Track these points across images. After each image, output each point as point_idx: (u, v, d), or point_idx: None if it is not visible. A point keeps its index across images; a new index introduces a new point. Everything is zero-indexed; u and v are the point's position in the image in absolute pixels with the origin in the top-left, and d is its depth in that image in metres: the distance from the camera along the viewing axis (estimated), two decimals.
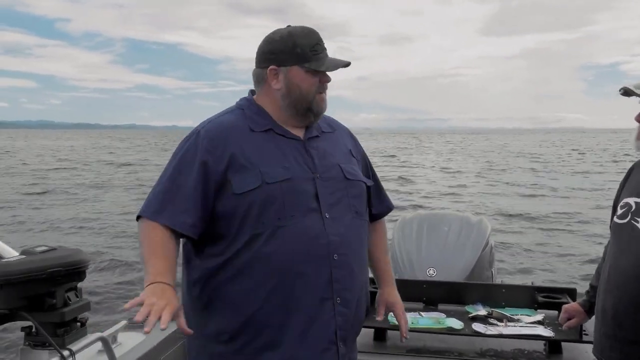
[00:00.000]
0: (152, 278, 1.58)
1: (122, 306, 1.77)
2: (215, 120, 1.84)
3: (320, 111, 1.87)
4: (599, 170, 29.35)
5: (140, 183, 23.34)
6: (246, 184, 1.71)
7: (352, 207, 1.85)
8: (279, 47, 1.81)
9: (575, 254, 10.31)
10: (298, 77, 1.81)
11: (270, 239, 1.70)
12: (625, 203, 1.88)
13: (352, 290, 1.81)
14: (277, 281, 1.70)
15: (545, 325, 2.66)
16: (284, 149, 1.80)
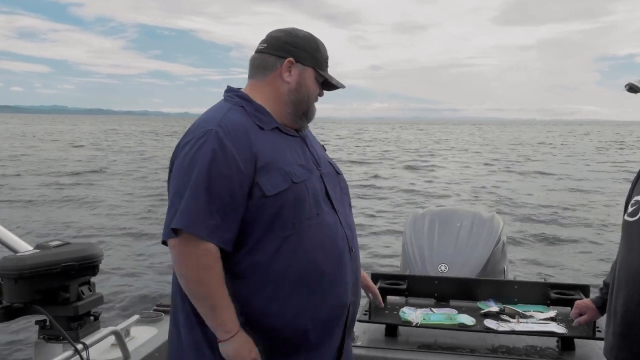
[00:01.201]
0: (233, 327, 1.63)
1: (135, 300, 1.78)
2: (227, 118, 1.71)
3: (312, 118, 1.89)
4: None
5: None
6: (277, 185, 1.66)
7: (346, 201, 1.91)
8: (303, 44, 1.82)
9: (591, 250, 10.22)
10: (310, 79, 1.83)
11: (303, 239, 1.69)
12: (636, 201, 1.86)
13: (359, 281, 1.91)
14: (312, 282, 1.70)
15: (558, 322, 2.65)
16: (293, 147, 1.80)
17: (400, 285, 2.95)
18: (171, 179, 1.70)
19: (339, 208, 1.82)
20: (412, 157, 33.34)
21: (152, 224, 12.31)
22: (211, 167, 1.61)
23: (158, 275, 8.31)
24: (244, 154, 1.65)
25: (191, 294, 1.64)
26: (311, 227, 1.71)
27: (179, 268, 1.64)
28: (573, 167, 26.20)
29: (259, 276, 1.67)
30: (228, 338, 1.62)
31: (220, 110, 1.76)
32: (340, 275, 1.77)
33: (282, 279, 1.67)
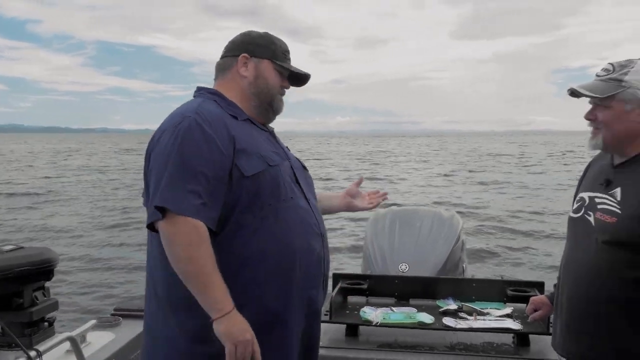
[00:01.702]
0: (226, 305, 1.62)
1: (91, 305, 1.75)
2: (203, 107, 1.77)
3: (279, 111, 1.96)
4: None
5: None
6: (254, 167, 1.74)
7: (313, 194, 2.00)
8: (255, 39, 1.93)
9: (545, 248, 10.50)
10: (267, 70, 1.91)
11: (280, 219, 1.76)
12: (580, 198, 1.93)
13: (329, 267, 1.97)
14: (290, 261, 1.77)
15: (514, 319, 2.71)
16: (265, 138, 1.89)
17: (361, 285, 2.98)
18: (153, 166, 1.71)
19: (309, 197, 1.91)
20: (370, 167, 33.64)
21: (108, 229, 12.12)
22: (193, 149, 1.66)
23: (116, 280, 8.16)
24: (223, 136, 1.71)
25: (183, 273, 1.63)
26: (287, 209, 1.79)
27: (169, 248, 1.63)
28: (528, 174, 26.82)
29: (238, 258, 1.70)
30: (221, 316, 1.61)
31: (194, 102, 1.83)
32: (313, 258, 1.85)
33: (259, 260, 1.72)
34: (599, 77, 1.82)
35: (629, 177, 1.78)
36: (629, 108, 1.76)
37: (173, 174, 1.63)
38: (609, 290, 1.74)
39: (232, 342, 1.61)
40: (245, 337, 1.62)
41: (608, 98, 1.78)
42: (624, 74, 1.77)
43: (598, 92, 1.79)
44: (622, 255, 1.71)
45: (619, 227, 1.72)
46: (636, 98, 1.75)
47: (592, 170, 2.00)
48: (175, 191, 1.61)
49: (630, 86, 1.75)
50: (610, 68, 1.81)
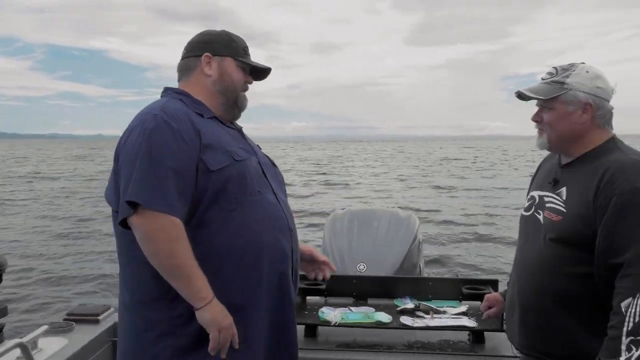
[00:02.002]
0: (207, 294, 1.68)
1: (43, 310, 1.72)
2: (168, 105, 1.80)
3: (243, 107, 2.01)
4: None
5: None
6: (219, 161, 1.76)
7: (283, 191, 2.03)
8: (215, 38, 1.96)
9: (499, 246, 10.75)
10: (231, 67, 1.95)
11: (247, 213, 1.78)
12: (531, 196, 2.00)
13: (299, 260, 2.01)
14: (260, 255, 1.79)
15: (469, 316, 2.76)
16: (232, 134, 1.92)
17: (320, 286, 2.98)
18: (122, 164, 1.72)
19: (277, 192, 1.94)
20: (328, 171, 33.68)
21: (58, 233, 11.80)
22: (161, 144, 1.69)
23: (69, 285, 7.95)
24: (189, 131, 1.75)
25: (163, 268, 1.67)
26: (254, 203, 1.81)
27: (148, 245, 1.65)
28: (482, 178, 27.36)
29: (204, 251, 1.72)
30: (204, 305, 1.67)
31: (160, 101, 1.87)
32: (281, 251, 1.87)
33: (226, 254, 1.75)
34: (543, 81, 1.89)
35: (573, 176, 1.84)
36: (571, 109, 1.83)
37: (143, 170, 1.65)
38: (556, 286, 1.80)
39: (217, 328, 1.68)
40: (227, 322, 1.70)
41: (551, 100, 1.84)
42: (566, 77, 1.83)
43: (542, 94, 1.85)
44: (568, 252, 1.77)
45: (564, 225, 1.78)
46: (577, 99, 1.82)
47: (542, 169, 2.07)
48: (146, 186, 1.64)
49: (572, 88, 1.82)
50: (554, 71, 1.88)
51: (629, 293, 1.61)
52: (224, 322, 1.69)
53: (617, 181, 1.69)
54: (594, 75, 1.83)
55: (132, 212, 1.63)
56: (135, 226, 1.65)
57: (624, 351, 1.59)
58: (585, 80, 1.82)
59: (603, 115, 1.84)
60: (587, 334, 1.76)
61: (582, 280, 1.76)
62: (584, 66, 1.85)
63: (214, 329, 1.68)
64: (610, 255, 1.68)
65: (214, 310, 1.68)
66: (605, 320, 1.68)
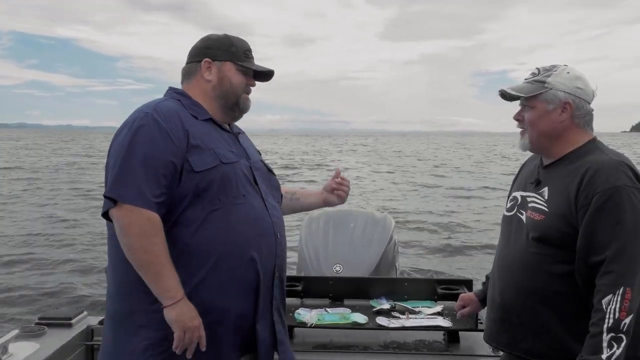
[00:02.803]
0: (177, 293, 1.71)
1: (12, 312, 1.70)
2: (162, 104, 1.87)
3: (245, 109, 2.04)
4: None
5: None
6: (205, 162, 1.80)
7: (275, 197, 2.07)
8: (215, 44, 2.01)
9: (475, 246, 10.87)
10: (230, 72, 1.99)
11: (228, 215, 1.81)
12: (513, 197, 2.03)
13: (285, 266, 2.03)
14: (237, 256, 1.81)
15: (444, 316, 2.79)
16: (225, 138, 1.95)
17: (296, 287, 2.98)
18: (109, 158, 1.80)
19: (266, 197, 1.96)
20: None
21: (30, 234, 11.58)
22: (146, 142, 1.74)
23: (41, 287, 7.80)
24: (178, 131, 1.79)
25: (136, 262, 1.71)
26: (237, 206, 1.84)
27: (123, 237, 1.70)
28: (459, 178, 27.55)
29: (183, 250, 1.76)
30: (172, 304, 1.70)
31: (156, 100, 1.93)
32: (262, 256, 1.88)
33: (203, 254, 1.77)
34: (526, 80, 1.94)
35: (555, 176, 1.88)
36: (551, 108, 1.87)
37: (124, 166, 1.72)
38: (538, 285, 1.83)
39: (182, 329, 1.70)
40: (194, 323, 1.71)
41: (532, 98, 1.89)
42: (547, 76, 1.88)
43: (523, 92, 1.90)
44: (550, 251, 1.81)
45: (546, 225, 1.81)
46: (557, 98, 1.87)
47: (524, 170, 2.11)
48: (124, 182, 1.70)
49: (552, 87, 1.87)
50: (536, 71, 1.93)
51: (609, 290, 1.65)
52: (190, 323, 1.71)
53: (597, 181, 1.73)
54: (574, 77, 1.88)
55: (112, 205, 1.70)
56: (113, 219, 1.72)
57: (605, 348, 1.63)
58: (565, 80, 1.87)
59: (583, 116, 1.89)
60: (569, 332, 1.79)
61: (564, 279, 1.79)
62: (565, 67, 1.90)
63: (178, 328, 1.70)
64: (591, 253, 1.72)
65: (180, 310, 1.70)
66: (586, 318, 1.71)
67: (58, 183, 22.06)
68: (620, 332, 1.63)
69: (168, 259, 1.71)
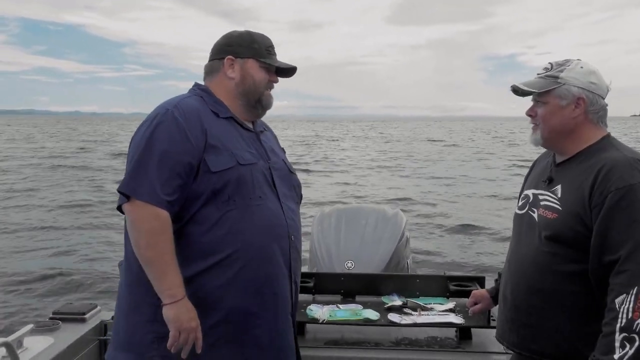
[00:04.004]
0: (178, 292, 1.72)
1: (29, 308, 1.72)
2: (184, 102, 1.88)
3: (268, 106, 2.04)
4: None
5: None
6: (222, 163, 1.80)
7: (294, 198, 2.06)
8: (238, 41, 2.00)
9: (486, 243, 10.81)
10: (253, 69, 1.99)
11: (243, 216, 1.81)
12: (525, 195, 2.01)
13: (299, 270, 2.02)
14: (250, 257, 1.81)
15: (457, 313, 2.78)
16: (244, 137, 1.94)
17: (308, 283, 2.98)
18: (129, 150, 1.82)
19: (283, 199, 1.95)
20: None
21: (43, 229, 11.68)
22: (163, 139, 1.76)
23: (55, 282, 7.87)
24: (196, 130, 1.80)
25: (141, 258, 1.73)
26: (253, 207, 1.84)
27: (132, 232, 1.74)
28: (471, 165, 27.30)
29: (194, 247, 1.78)
30: (171, 302, 1.71)
31: (179, 96, 1.94)
32: (275, 257, 1.88)
33: (214, 252, 1.78)
34: (538, 75, 1.91)
35: (568, 174, 1.86)
36: (564, 103, 1.85)
37: (140, 162, 1.74)
38: (550, 284, 1.81)
39: (178, 328, 1.71)
40: (190, 324, 1.72)
41: (545, 93, 1.86)
42: (560, 71, 1.86)
43: (536, 88, 1.88)
44: (562, 250, 1.79)
45: (559, 223, 1.79)
46: (570, 94, 1.84)
47: (536, 168, 2.08)
48: (138, 178, 1.72)
49: (566, 82, 1.84)
50: (549, 66, 1.90)
51: (623, 289, 1.63)
52: (187, 324, 1.72)
53: (612, 178, 1.71)
54: (588, 71, 1.85)
55: (124, 200, 1.73)
56: (126, 213, 1.76)
57: (617, 348, 1.60)
58: (579, 75, 1.84)
59: (596, 111, 1.86)
60: (579, 332, 1.77)
61: (575, 279, 1.77)
62: (579, 62, 1.88)
63: (174, 328, 1.71)
64: (605, 252, 1.69)
65: (179, 309, 1.71)
66: (598, 318, 1.69)
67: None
68: (633, 333, 1.60)
69: (173, 257, 1.73)
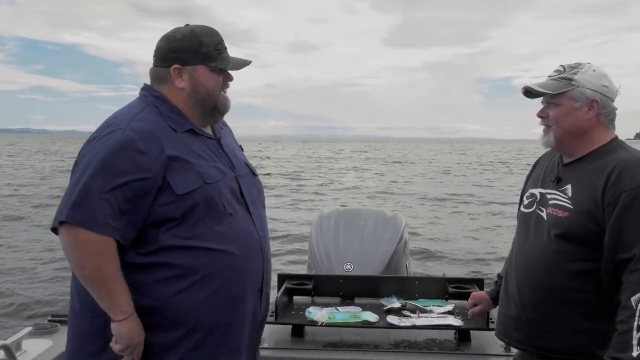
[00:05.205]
0: (129, 308, 1.66)
1: (28, 311, 1.72)
2: (138, 118, 1.72)
3: (226, 110, 1.89)
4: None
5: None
6: (187, 185, 1.69)
7: (261, 202, 1.97)
8: (183, 45, 1.79)
9: (485, 245, 10.82)
10: (203, 76, 1.81)
11: (215, 238, 1.72)
12: (531, 194, 2.01)
13: (270, 279, 1.94)
14: (223, 279, 1.73)
15: (456, 315, 2.78)
16: (207, 149, 1.82)
17: (307, 286, 2.98)
18: (73, 171, 1.69)
19: (253, 210, 1.86)
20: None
21: (40, 232, 11.67)
22: (112, 162, 1.62)
23: (53, 284, 7.86)
24: (153, 152, 1.67)
25: (85, 280, 1.66)
26: (224, 227, 1.74)
27: (71, 255, 1.65)
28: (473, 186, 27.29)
29: (167, 270, 1.69)
30: (124, 319, 1.66)
31: (133, 109, 1.78)
32: (250, 275, 1.81)
33: (191, 274, 1.70)
34: (550, 77, 1.92)
35: (578, 174, 1.87)
36: (578, 105, 1.86)
37: (86, 186, 1.61)
38: (557, 282, 1.82)
39: (129, 343, 1.67)
40: (140, 339, 1.69)
41: (559, 95, 1.87)
42: (574, 74, 1.86)
43: (550, 90, 1.88)
44: (572, 249, 1.80)
45: (570, 221, 1.80)
46: (584, 96, 1.85)
47: (540, 167, 2.08)
48: (77, 202, 1.60)
49: (579, 85, 1.85)
50: (561, 69, 1.91)
51: (638, 288, 1.64)
52: (138, 338, 1.68)
53: (625, 178, 1.72)
54: (601, 74, 1.87)
55: (59, 224, 1.62)
56: (61, 236, 1.65)
57: (635, 345, 1.61)
58: (592, 77, 1.86)
59: (608, 114, 1.88)
60: (586, 329, 1.79)
61: (584, 277, 1.79)
62: (590, 65, 1.89)
63: (125, 342, 1.67)
64: (619, 251, 1.71)
65: (131, 324, 1.66)
66: (606, 316, 1.71)
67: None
68: None
69: (119, 275, 1.65)
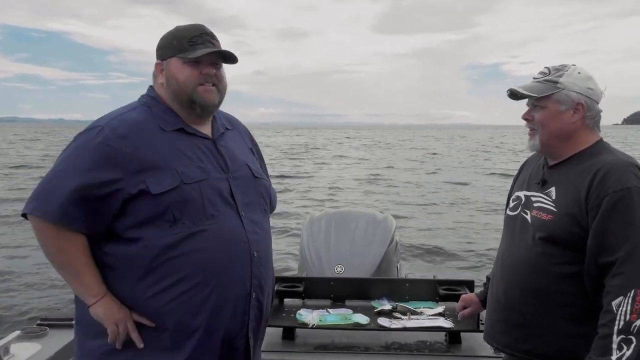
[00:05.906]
0: (99, 291, 1.69)
1: (14, 316, 1.71)
2: (120, 117, 1.74)
3: (205, 103, 1.81)
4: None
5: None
6: (164, 184, 1.68)
7: (261, 205, 1.90)
8: (162, 42, 1.85)
9: (476, 247, 10.84)
10: (175, 68, 1.80)
11: (193, 240, 1.69)
12: (516, 196, 2.02)
13: (266, 284, 1.88)
14: (201, 282, 1.70)
15: (446, 317, 2.79)
16: (197, 149, 1.80)
17: (297, 288, 2.98)
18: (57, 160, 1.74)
19: (244, 212, 1.80)
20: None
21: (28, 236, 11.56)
22: (81, 159, 1.67)
23: (43, 288, 7.79)
24: (127, 150, 1.68)
25: (54, 263, 1.71)
26: (204, 228, 1.71)
27: (39, 240, 1.70)
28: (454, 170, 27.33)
29: (141, 269, 1.68)
30: (96, 301, 1.68)
31: (123, 108, 1.81)
32: (233, 280, 1.75)
33: (167, 275, 1.68)
34: (535, 80, 1.91)
35: (562, 176, 1.87)
36: (563, 108, 1.86)
37: (57, 177, 1.67)
38: (542, 285, 1.83)
39: (113, 321, 1.68)
40: (122, 313, 1.69)
41: (544, 98, 1.87)
42: (559, 76, 1.86)
43: (535, 92, 1.88)
44: (556, 251, 1.81)
45: (554, 224, 1.81)
46: (570, 99, 1.85)
47: (526, 170, 2.09)
48: (49, 195, 1.65)
49: (565, 87, 1.85)
50: (547, 71, 1.91)
51: (620, 292, 1.65)
52: (119, 314, 1.68)
53: (609, 181, 1.73)
54: (586, 77, 1.87)
55: (27, 211, 1.68)
56: (30, 220, 1.70)
57: (615, 350, 1.62)
58: (577, 80, 1.86)
59: (593, 117, 1.88)
60: (572, 332, 1.79)
61: (569, 280, 1.79)
62: (575, 67, 1.89)
63: (110, 322, 1.68)
64: (601, 254, 1.71)
65: (106, 304, 1.68)
66: (590, 319, 1.72)
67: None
68: (631, 334, 1.63)
69: (88, 258, 1.69)
